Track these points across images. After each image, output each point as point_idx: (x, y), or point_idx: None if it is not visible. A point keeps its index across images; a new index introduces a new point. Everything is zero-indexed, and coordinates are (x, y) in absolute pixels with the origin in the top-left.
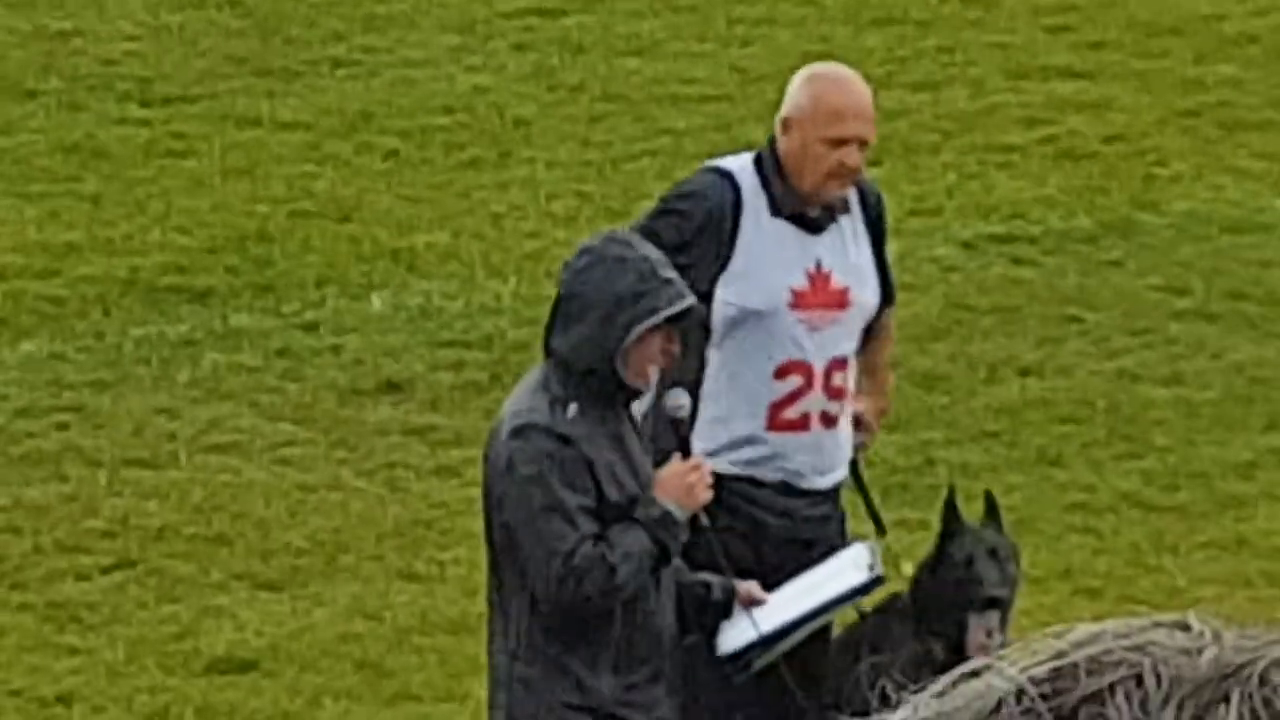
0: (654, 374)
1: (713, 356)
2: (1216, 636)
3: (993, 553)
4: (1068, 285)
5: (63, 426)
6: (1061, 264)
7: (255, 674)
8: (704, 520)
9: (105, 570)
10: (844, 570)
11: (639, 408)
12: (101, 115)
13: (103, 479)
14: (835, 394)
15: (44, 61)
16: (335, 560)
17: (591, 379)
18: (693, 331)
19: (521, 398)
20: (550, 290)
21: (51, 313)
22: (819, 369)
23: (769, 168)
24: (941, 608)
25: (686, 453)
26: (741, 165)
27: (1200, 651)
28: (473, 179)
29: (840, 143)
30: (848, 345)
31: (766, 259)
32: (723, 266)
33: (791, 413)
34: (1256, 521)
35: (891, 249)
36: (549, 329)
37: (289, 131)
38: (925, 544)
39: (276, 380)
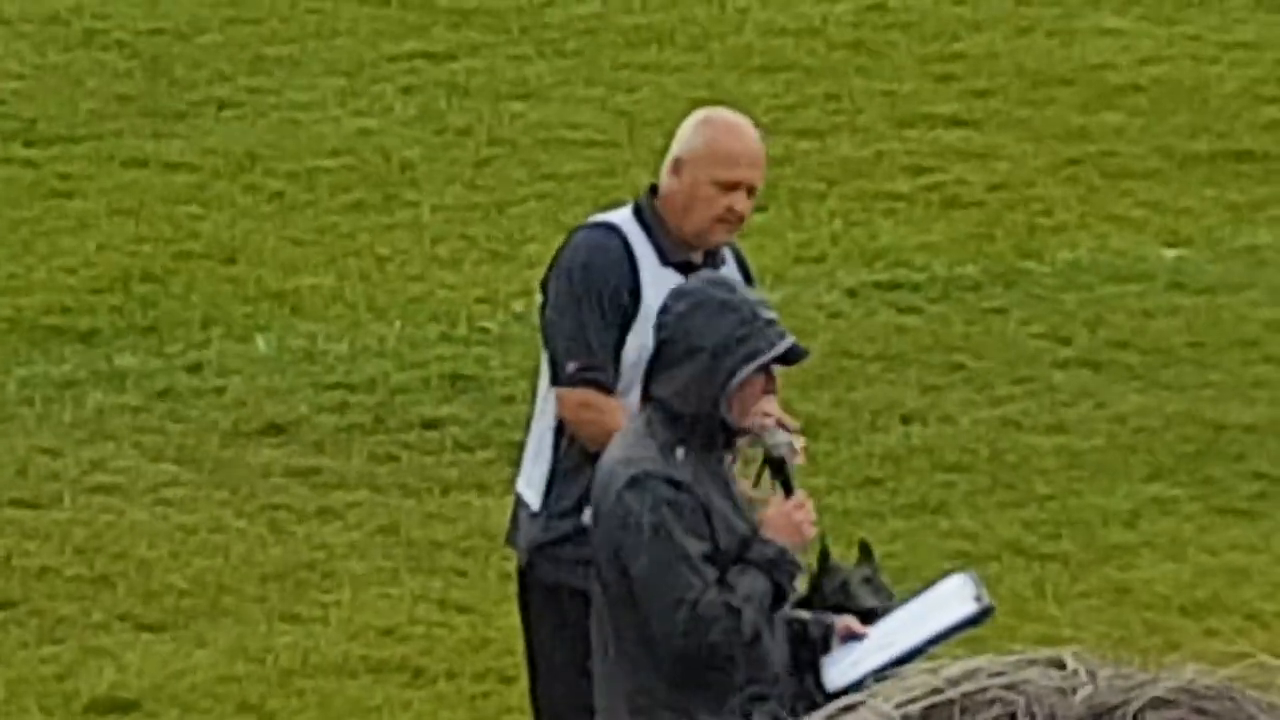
0: (757, 416)
1: (623, 403)
2: (1091, 675)
3: (867, 580)
4: (952, 333)
5: None
6: (946, 312)
7: (137, 715)
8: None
9: None
10: (948, 602)
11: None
12: None
13: None
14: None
15: None
16: (217, 601)
17: (696, 423)
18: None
19: (628, 446)
20: (433, 333)
21: None
22: None
23: (650, 218)
24: None
25: (789, 490)
26: (623, 218)
27: (1075, 690)
28: (358, 221)
29: (731, 186)
30: None
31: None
32: (634, 315)
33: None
34: (1139, 570)
35: (776, 296)
36: (648, 374)
37: (174, 172)
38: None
39: (160, 421)
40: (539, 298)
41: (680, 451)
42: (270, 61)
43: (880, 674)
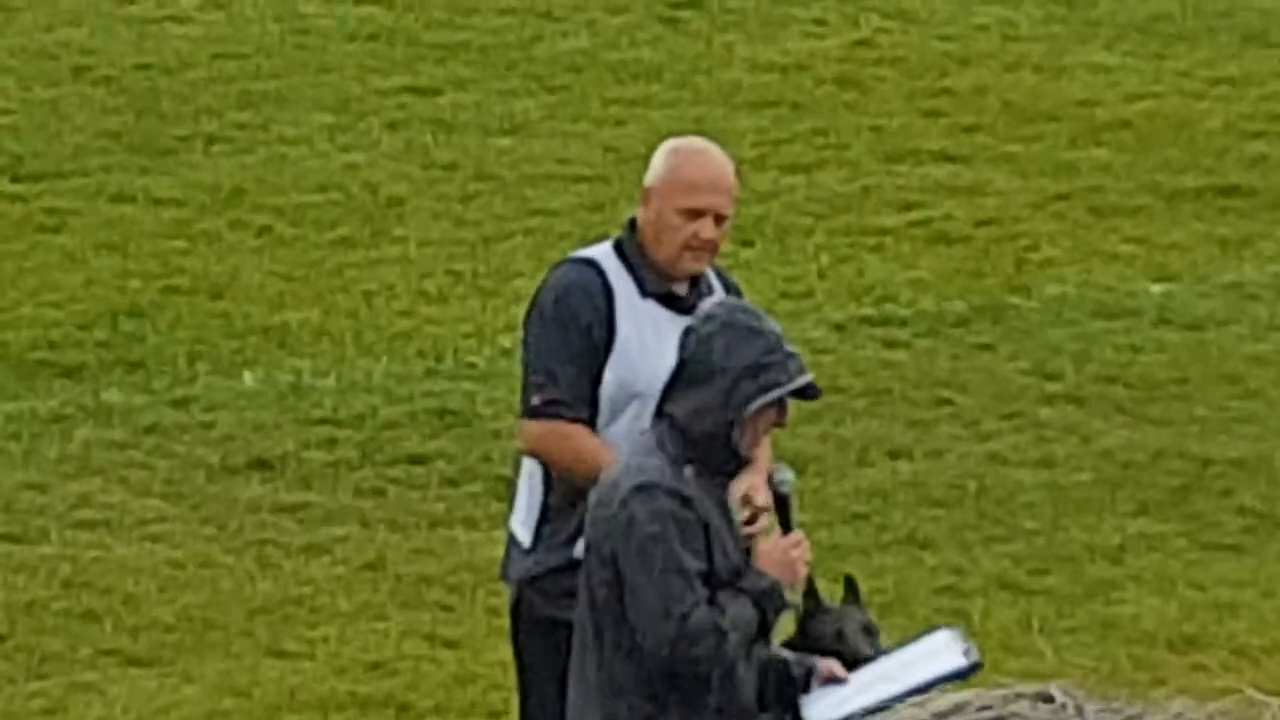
0: (765, 447)
1: (603, 437)
2: (1079, 710)
3: (865, 628)
4: (939, 368)
5: None
6: (933, 347)
7: None
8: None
9: None
10: (937, 653)
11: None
12: None
13: None
14: None
15: None
16: (204, 637)
17: (707, 445)
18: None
19: (637, 459)
20: (420, 368)
21: None
22: None
23: (630, 251)
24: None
25: (788, 527)
26: (604, 253)
27: None
28: (345, 257)
29: (695, 214)
30: None
31: (644, 341)
32: (609, 349)
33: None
34: (1126, 605)
35: None
36: (665, 391)
37: (162, 208)
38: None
39: (146, 456)
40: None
41: (689, 470)
42: (258, 97)
43: (861, 718)
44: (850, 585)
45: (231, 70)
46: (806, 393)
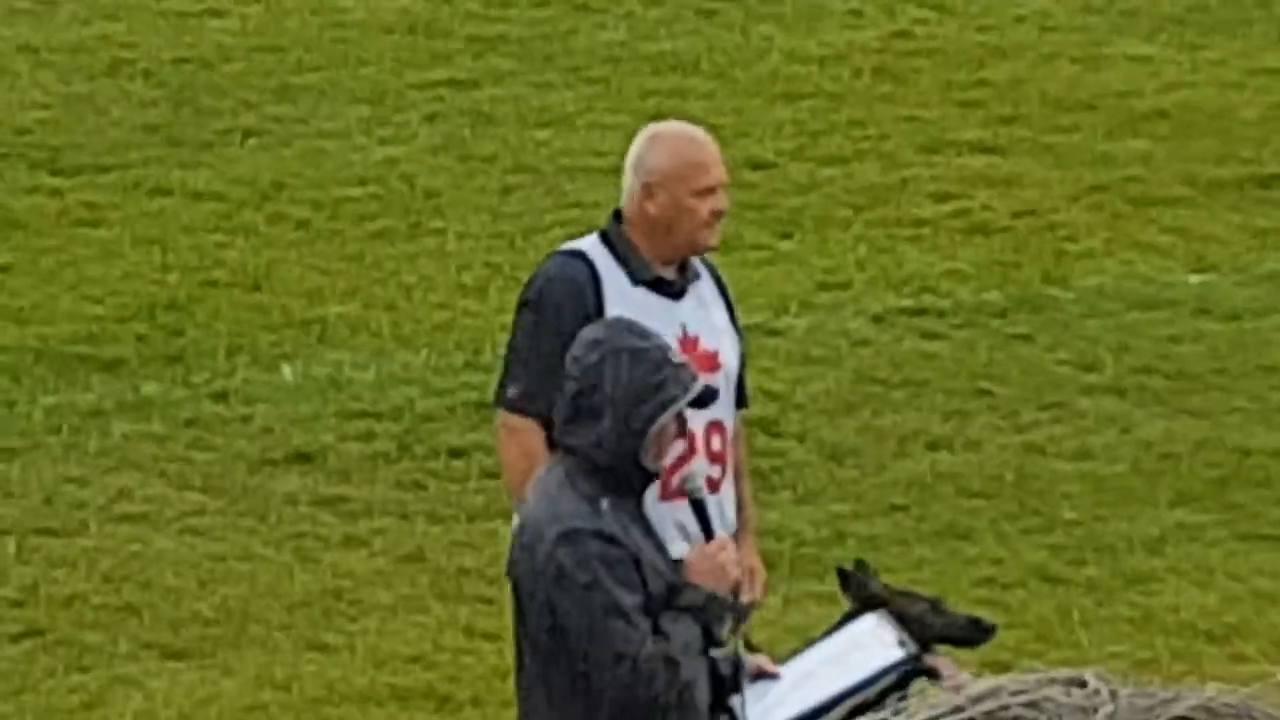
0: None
1: None
2: (1113, 694)
3: (935, 608)
4: (977, 359)
5: None
6: (971, 338)
7: None
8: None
9: (14, 639)
10: (866, 644)
11: None
12: (12, 184)
13: (11, 547)
14: (715, 458)
15: None
16: (244, 630)
17: (616, 472)
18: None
19: (552, 500)
20: (459, 360)
21: None
22: (699, 433)
23: (617, 241)
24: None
25: (710, 532)
26: (590, 244)
27: (1096, 709)
28: (383, 250)
29: (708, 191)
30: (722, 410)
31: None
32: None
33: (679, 479)
34: (1164, 597)
35: (802, 322)
36: (564, 425)
37: (200, 201)
38: (833, 617)
39: (185, 450)
40: None
41: (604, 502)
42: (296, 90)
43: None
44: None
45: (269, 64)
46: (703, 399)
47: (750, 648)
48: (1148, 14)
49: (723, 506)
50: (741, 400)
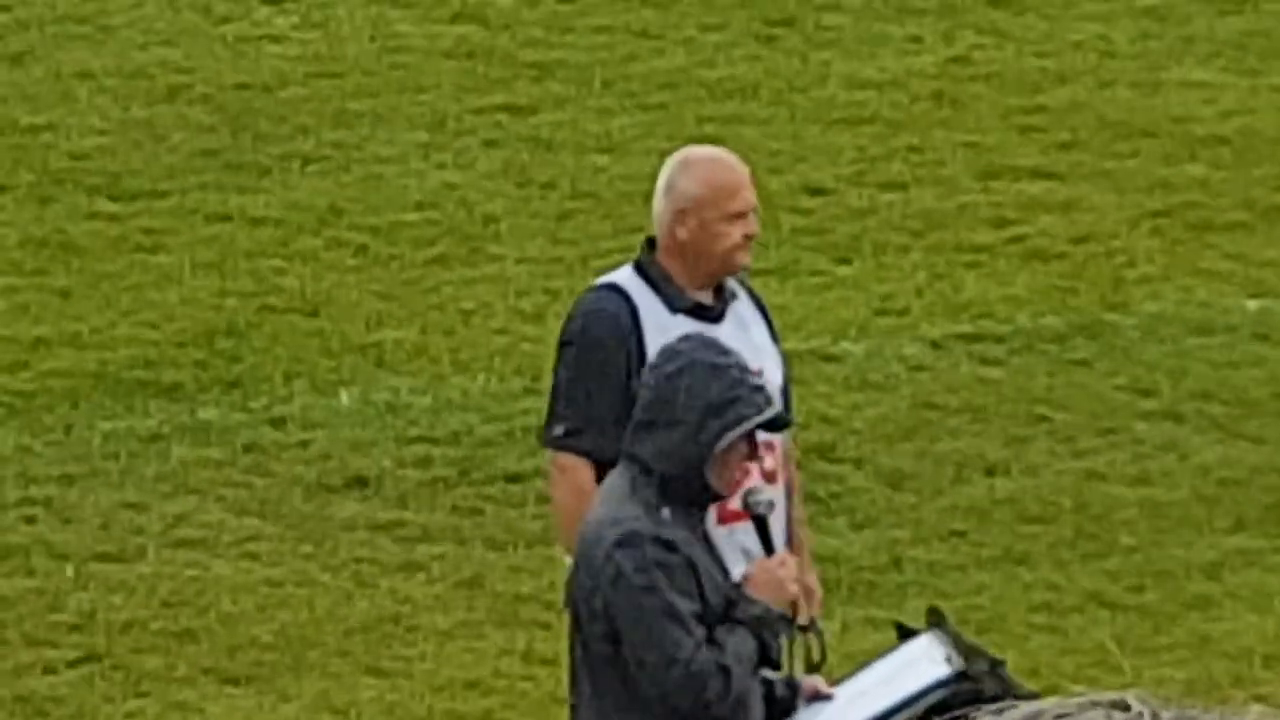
0: (740, 478)
1: None
2: (1155, 717)
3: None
4: (1035, 385)
5: (30, 520)
6: (1029, 364)
7: None
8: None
9: (72, 664)
10: (917, 662)
11: None
12: (71, 209)
13: (70, 572)
14: (768, 478)
15: (14, 155)
16: (302, 656)
17: (680, 484)
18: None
19: (614, 505)
20: (517, 386)
21: (20, 406)
22: None
23: (652, 270)
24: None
25: (770, 548)
26: (625, 276)
27: None
28: (442, 275)
29: (739, 216)
30: None
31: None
32: (639, 370)
33: (735, 502)
34: (1223, 623)
35: (859, 348)
36: (633, 432)
37: (258, 227)
38: (890, 643)
39: (244, 475)
40: None
41: (665, 512)
42: (354, 115)
43: None
44: (935, 615)
45: (327, 89)
46: (775, 424)
47: (813, 667)
48: (1206, 39)
49: (780, 525)
50: (790, 419)
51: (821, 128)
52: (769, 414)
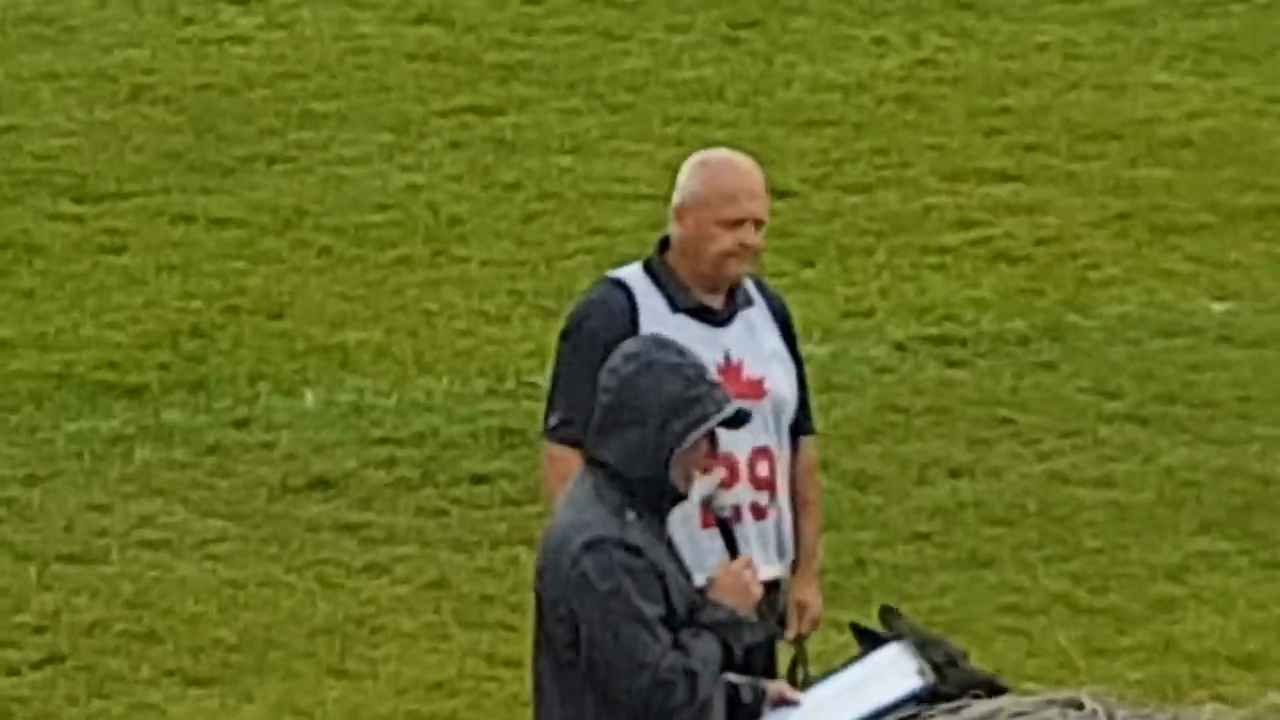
0: (697, 477)
1: None
2: (1110, 715)
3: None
4: (1000, 387)
5: None
6: (994, 366)
7: None
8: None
9: (35, 665)
10: (885, 673)
11: None
12: (36, 211)
13: (33, 574)
14: (761, 485)
15: None
16: (265, 657)
17: (644, 486)
18: None
19: (579, 510)
20: (481, 387)
21: None
22: (742, 459)
23: (659, 268)
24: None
25: (734, 551)
26: (632, 272)
27: None
28: (406, 276)
29: (736, 224)
30: (769, 436)
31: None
32: None
33: (706, 498)
34: (1186, 624)
35: (825, 350)
36: (595, 436)
37: (222, 228)
38: (855, 645)
39: (208, 476)
40: None
41: (631, 515)
42: (318, 117)
43: None
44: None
45: (292, 90)
46: (736, 420)
47: (794, 681)
48: (1171, 42)
49: (773, 534)
50: (807, 427)
51: (786, 130)
52: (727, 411)
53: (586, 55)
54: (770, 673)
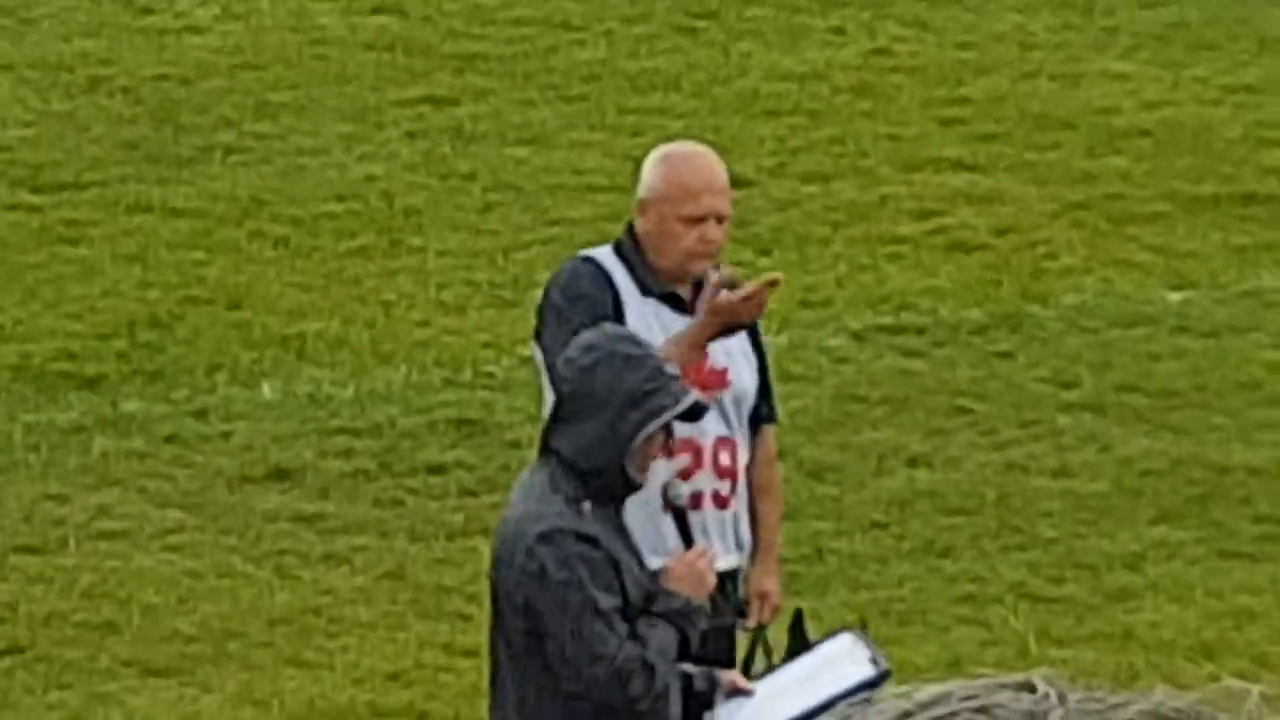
0: (653, 469)
1: None
2: (1061, 698)
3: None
4: (957, 377)
5: None
6: (951, 356)
7: None
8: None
9: None
10: (839, 662)
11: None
12: None
13: None
14: (724, 473)
15: None
16: (224, 647)
17: (599, 477)
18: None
19: (534, 501)
20: (438, 378)
21: None
22: (706, 446)
23: (629, 251)
24: None
25: (689, 541)
26: (603, 253)
27: (1045, 714)
28: (363, 267)
29: (697, 220)
30: (731, 426)
31: (649, 338)
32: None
33: (663, 485)
34: (1144, 614)
35: (782, 340)
36: (551, 425)
37: (180, 218)
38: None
39: (166, 467)
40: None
41: (586, 506)
42: (275, 107)
43: None
44: (797, 619)
45: (249, 81)
46: (693, 412)
47: (749, 671)
48: (1128, 31)
49: (732, 524)
50: (769, 415)
51: (743, 119)
52: (685, 403)
53: (543, 46)
54: (728, 662)
